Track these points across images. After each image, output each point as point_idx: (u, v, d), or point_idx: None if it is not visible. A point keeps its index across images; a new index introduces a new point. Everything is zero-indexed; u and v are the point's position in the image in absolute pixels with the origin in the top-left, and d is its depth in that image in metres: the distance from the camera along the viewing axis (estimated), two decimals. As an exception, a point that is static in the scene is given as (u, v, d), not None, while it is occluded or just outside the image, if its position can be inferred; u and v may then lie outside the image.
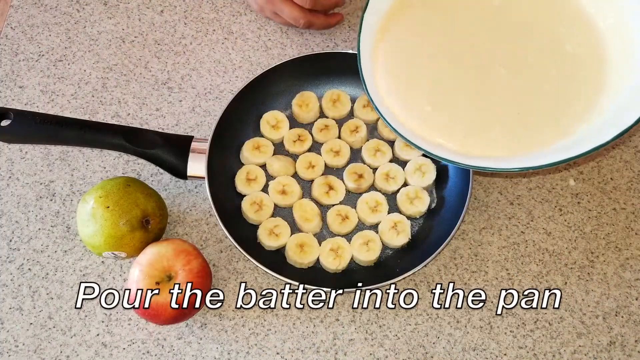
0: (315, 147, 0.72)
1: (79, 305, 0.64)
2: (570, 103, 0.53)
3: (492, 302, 0.65)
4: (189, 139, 0.67)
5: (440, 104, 0.54)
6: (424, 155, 0.64)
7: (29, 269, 0.66)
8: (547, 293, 0.65)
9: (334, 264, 0.64)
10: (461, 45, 0.55)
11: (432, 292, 0.65)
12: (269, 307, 0.64)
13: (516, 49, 0.55)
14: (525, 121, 0.53)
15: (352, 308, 0.64)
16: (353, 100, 0.74)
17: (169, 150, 0.65)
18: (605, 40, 0.54)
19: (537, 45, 0.55)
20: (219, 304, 0.64)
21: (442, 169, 0.69)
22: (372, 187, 0.70)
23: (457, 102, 0.54)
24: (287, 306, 0.64)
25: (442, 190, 0.69)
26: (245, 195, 0.68)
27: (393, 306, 0.64)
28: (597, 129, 0.50)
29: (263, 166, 0.71)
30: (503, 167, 0.50)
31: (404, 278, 0.61)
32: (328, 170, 0.71)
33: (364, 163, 0.70)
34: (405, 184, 0.69)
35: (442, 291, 0.65)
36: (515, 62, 0.55)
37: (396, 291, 0.65)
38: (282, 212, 0.69)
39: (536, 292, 0.65)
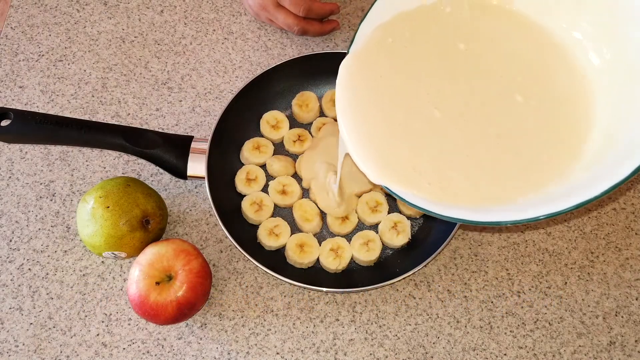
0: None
1: (79, 306, 0.64)
2: (546, 156, 0.49)
3: (492, 302, 0.65)
4: (189, 139, 0.67)
5: (402, 152, 0.50)
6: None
7: (29, 269, 0.66)
8: (547, 293, 0.65)
9: (334, 264, 0.64)
10: (437, 90, 0.51)
11: (431, 292, 0.65)
12: (269, 307, 0.64)
13: (487, 95, 0.51)
14: (494, 172, 0.48)
15: (352, 308, 0.64)
16: (353, 100, 0.74)
17: (169, 150, 0.65)
18: (589, 84, 0.50)
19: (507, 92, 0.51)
20: (219, 304, 0.64)
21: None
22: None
23: (424, 151, 0.50)
24: (287, 306, 0.64)
25: (442, 190, 0.69)
26: (245, 195, 0.68)
27: (393, 306, 0.64)
28: (568, 190, 0.46)
29: (263, 166, 0.71)
30: (471, 219, 0.45)
31: (404, 278, 0.61)
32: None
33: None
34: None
35: (442, 292, 0.65)
36: (477, 108, 0.51)
37: (396, 291, 0.65)
38: (282, 212, 0.69)
39: (536, 292, 0.65)
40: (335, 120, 0.73)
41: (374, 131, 0.50)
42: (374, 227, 0.68)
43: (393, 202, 0.69)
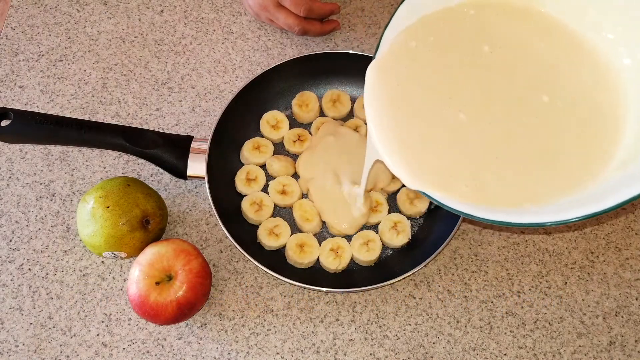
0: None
1: (79, 307, 0.64)
2: (582, 158, 0.48)
3: (492, 302, 0.65)
4: (189, 139, 0.67)
5: (436, 154, 0.50)
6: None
7: (29, 269, 0.66)
8: (547, 293, 0.65)
9: (334, 264, 0.64)
10: (462, 93, 0.52)
11: (431, 292, 0.65)
12: (269, 307, 0.64)
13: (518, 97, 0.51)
14: (526, 173, 0.49)
15: (352, 308, 0.64)
16: (353, 100, 0.74)
17: (169, 150, 0.65)
18: (619, 83, 0.50)
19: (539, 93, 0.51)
20: (219, 304, 0.64)
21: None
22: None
23: (455, 153, 0.50)
24: (287, 306, 0.64)
25: (442, 190, 0.69)
26: (245, 195, 0.68)
27: (393, 306, 0.64)
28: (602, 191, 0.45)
29: (263, 166, 0.71)
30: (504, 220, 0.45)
31: (404, 278, 0.61)
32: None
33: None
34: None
35: (442, 292, 0.65)
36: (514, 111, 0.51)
37: (396, 291, 0.65)
38: (282, 212, 0.69)
39: (536, 292, 0.65)
40: (335, 119, 0.73)
41: (405, 136, 0.50)
42: (374, 227, 0.68)
43: (393, 202, 0.69)
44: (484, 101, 0.51)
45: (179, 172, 0.66)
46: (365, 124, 0.72)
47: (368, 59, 0.71)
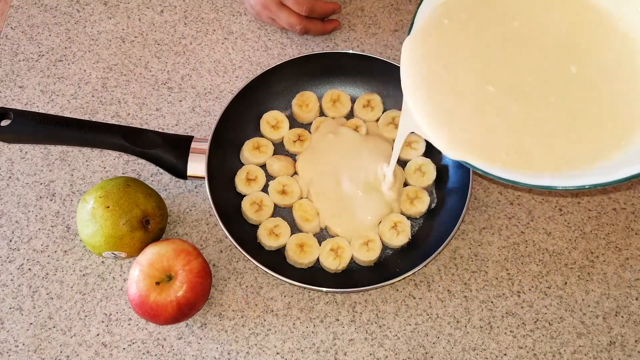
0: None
1: (80, 307, 0.64)
2: (617, 119, 0.51)
3: (492, 302, 0.65)
4: (189, 139, 0.67)
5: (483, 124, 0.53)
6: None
7: (29, 269, 0.66)
8: (547, 293, 0.65)
9: (334, 264, 0.64)
10: (495, 66, 0.55)
11: (432, 292, 0.65)
12: (269, 307, 0.64)
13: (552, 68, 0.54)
14: (563, 138, 0.51)
15: (352, 308, 0.64)
16: (353, 100, 0.74)
17: (169, 150, 0.65)
18: None
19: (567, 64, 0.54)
20: (219, 304, 0.64)
21: (442, 169, 0.69)
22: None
23: (500, 123, 0.53)
24: (287, 306, 0.64)
25: (442, 190, 0.69)
26: (245, 195, 0.68)
27: (393, 306, 0.64)
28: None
29: (263, 166, 0.71)
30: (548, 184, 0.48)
31: (404, 278, 0.61)
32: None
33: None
34: (405, 184, 0.69)
35: (442, 292, 0.65)
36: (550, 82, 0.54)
37: (396, 291, 0.65)
38: (282, 212, 0.69)
39: (536, 292, 0.65)
40: (334, 118, 0.73)
41: (442, 107, 0.52)
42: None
43: (393, 202, 0.69)
44: (516, 72, 0.53)
45: (179, 172, 0.66)
46: (365, 123, 0.72)
47: (368, 59, 0.71)
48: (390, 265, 0.65)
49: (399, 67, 0.52)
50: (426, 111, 0.52)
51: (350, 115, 0.74)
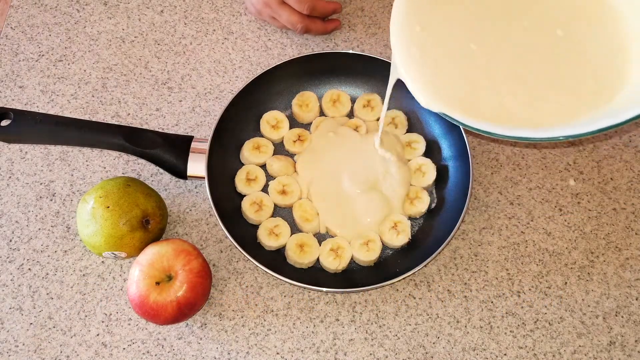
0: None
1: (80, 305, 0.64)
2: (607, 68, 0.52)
3: (492, 302, 0.65)
4: (189, 139, 0.67)
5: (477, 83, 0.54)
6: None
7: (29, 269, 0.66)
8: (547, 293, 0.65)
9: (334, 264, 0.64)
10: (490, 27, 0.56)
11: (432, 292, 0.65)
12: (269, 307, 0.64)
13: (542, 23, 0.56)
14: (544, 94, 0.53)
15: (352, 308, 0.64)
16: (353, 100, 0.74)
17: (169, 150, 0.65)
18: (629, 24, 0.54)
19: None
20: (219, 304, 0.64)
21: (442, 169, 0.69)
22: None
23: (496, 80, 0.54)
24: (287, 306, 0.64)
25: (442, 190, 0.69)
26: (245, 195, 0.68)
27: (393, 306, 0.64)
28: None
29: (263, 166, 0.71)
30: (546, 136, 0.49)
31: (404, 278, 0.61)
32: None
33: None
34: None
35: (442, 292, 0.65)
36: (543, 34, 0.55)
37: (396, 291, 0.65)
38: (282, 212, 0.69)
39: (536, 292, 0.65)
40: (334, 118, 0.73)
41: (426, 58, 0.53)
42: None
43: (393, 202, 0.69)
44: (503, 31, 0.55)
45: (179, 172, 0.66)
46: (365, 123, 0.72)
47: (368, 59, 0.71)
48: (390, 265, 0.65)
49: None
50: (408, 63, 0.53)
51: (350, 115, 0.74)
